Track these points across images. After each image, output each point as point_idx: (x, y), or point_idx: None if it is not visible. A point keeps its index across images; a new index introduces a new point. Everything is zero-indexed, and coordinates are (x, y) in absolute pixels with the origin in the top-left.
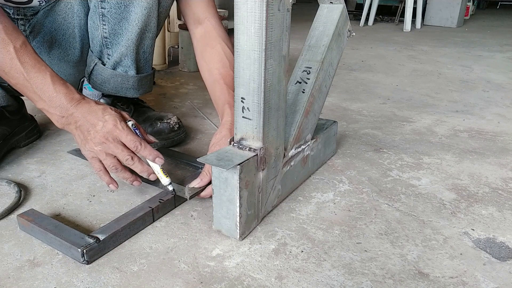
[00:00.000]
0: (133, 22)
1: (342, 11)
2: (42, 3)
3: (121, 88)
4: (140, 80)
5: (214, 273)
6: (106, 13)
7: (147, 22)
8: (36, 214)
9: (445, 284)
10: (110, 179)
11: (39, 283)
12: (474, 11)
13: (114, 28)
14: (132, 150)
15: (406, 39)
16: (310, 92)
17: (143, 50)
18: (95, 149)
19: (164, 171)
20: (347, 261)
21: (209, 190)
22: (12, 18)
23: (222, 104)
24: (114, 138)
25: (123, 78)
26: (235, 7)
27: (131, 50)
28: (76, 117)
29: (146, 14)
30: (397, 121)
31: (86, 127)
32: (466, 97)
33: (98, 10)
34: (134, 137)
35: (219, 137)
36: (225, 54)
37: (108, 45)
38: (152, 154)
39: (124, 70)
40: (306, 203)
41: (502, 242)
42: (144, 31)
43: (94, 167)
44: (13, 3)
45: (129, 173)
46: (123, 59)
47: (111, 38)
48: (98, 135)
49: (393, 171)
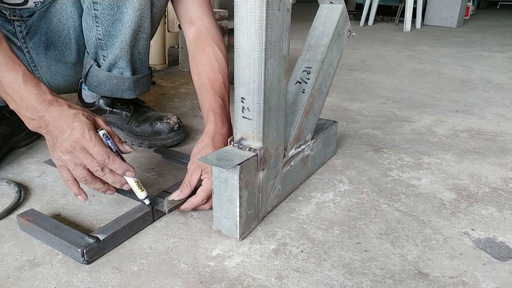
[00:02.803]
0: (126, 23)
1: (342, 11)
2: (37, 4)
3: (117, 90)
4: (136, 81)
5: (214, 273)
6: (99, 15)
7: (140, 23)
8: (36, 214)
9: (445, 284)
10: (79, 190)
11: (39, 283)
12: (474, 11)
13: (108, 30)
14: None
15: (406, 39)
16: (310, 92)
17: (138, 51)
18: (63, 158)
19: (139, 184)
20: (347, 261)
21: (189, 203)
22: (8, 19)
23: (207, 111)
24: (82, 148)
25: (118, 80)
26: (235, 7)
27: (126, 52)
28: (47, 121)
29: (139, 15)
30: (397, 121)
31: (54, 133)
32: (466, 97)
33: (91, 11)
34: (101, 149)
35: (201, 147)
36: (215, 56)
37: (103, 46)
38: (121, 168)
39: (120, 71)
40: (306, 203)
41: (502, 242)
42: (138, 32)
43: (62, 176)
44: (9, 4)
45: (101, 183)
46: (118, 61)
47: (105, 39)
48: (65, 143)
49: (393, 171)
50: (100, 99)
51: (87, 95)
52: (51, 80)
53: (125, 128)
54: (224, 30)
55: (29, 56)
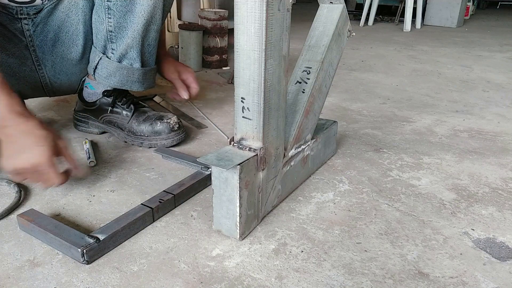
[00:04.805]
0: (139, 13)
1: (342, 11)
2: (45, 2)
3: (127, 81)
4: (145, 74)
5: (214, 273)
6: (112, 6)
7: (153, 14)
8: (36, 214)
9: (445, 284)
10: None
11: (39, 283)
12: (474, 11)
13: (119, 22)
14: None
15: (406, 39)
16: (310, 92)
17: (148, 43)
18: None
19: None
20: (347, 261)
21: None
22: (16, 17)
23: None
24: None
25: (128, 71)
26: (235, 7)
27: (137, 42)
28: (9, 133)
29: (152, 5)
30: (397, 121)
31: (14, 149)
32: (466, 97)
33: (104, 3)
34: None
35: None
36: None
37: (113, 39)
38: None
39: (130, 62)
40: (306, 203)
41: (502, 242)
42: (150, 23)
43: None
44: (16, 2)
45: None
46: (129, 51)
47: (116, 32)
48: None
49: (393, 171)
50: (101, 98)
51: (89, 93)
52: (54, 79)
53: (125, 127)
54: (224, 30)
55: (35, 54)
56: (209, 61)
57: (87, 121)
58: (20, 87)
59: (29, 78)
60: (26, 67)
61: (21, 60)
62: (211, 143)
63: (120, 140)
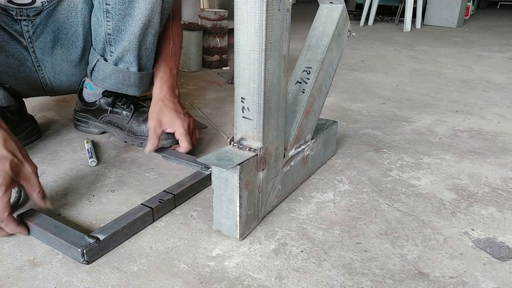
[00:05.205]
0: (137, 17)
1: (342, 11)
2: (45, 4)
3: (122, 85)
4: (141, 78)
5: (214, 273)
6: (110, 9)
7: (151, 18)
8: (36, 214)
9: (445, 284)
10: None
11: (39, 283)
12: (474, 11)
13: (118, 25)
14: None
15: (406, 39)
16: (310, 92)
17: (145, 47)
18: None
19: None
20: (347, 261)
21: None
22: (15, 19)
23: None
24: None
25: (124, 74)
26: (235, 7)
27: (134, 45)
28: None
29: (150, 9)
30: (397, 121)
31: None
32: (466, 97)
33: (102, 6)
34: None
35: None
36: None
37: (111, 42)
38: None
39: (126, 66)
40: (306, 203)
41: (502, 242)
42: (147, 27)
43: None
44: (16, 4)
45: None
46: (126, 54)
47: (114, 34)
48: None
49: (393, 171)
50: (101, 99)
51: (89, 94)
52: (54, 80)
53: (125, 128)
54: (224, 30)
55: (35, 56)
56: (209, 61)
57: (87, 121)
58: (20, 87)
59: (29, 79)
60: (26, 68)
61: (20, 61)
62: (211, 143)
63: (120, 140)
